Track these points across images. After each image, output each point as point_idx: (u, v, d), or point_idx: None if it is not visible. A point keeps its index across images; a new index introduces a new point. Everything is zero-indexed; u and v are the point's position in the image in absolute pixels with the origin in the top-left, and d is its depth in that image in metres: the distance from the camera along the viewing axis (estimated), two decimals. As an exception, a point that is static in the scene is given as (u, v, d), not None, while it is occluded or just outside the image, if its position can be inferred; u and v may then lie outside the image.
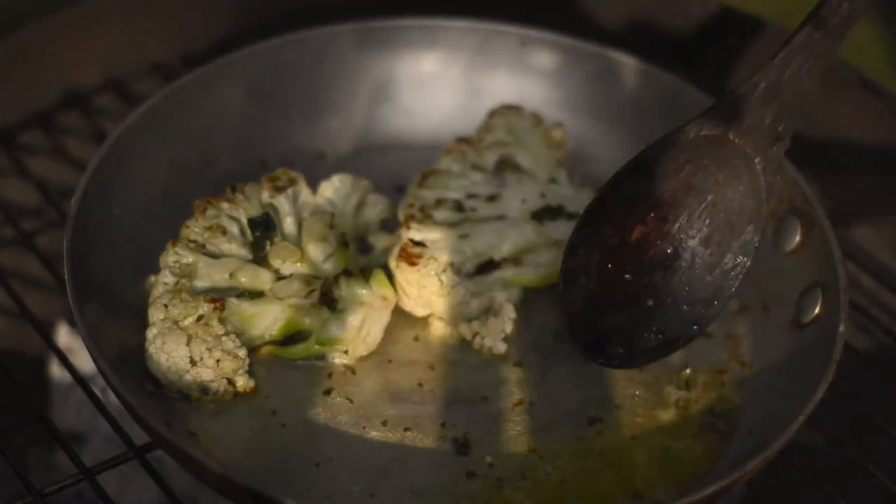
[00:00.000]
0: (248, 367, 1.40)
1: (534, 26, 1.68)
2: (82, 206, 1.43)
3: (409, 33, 1.68)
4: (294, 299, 1.41)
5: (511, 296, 1.49)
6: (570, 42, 1.67)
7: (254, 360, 1.41)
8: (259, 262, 1.44)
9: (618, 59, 1.66)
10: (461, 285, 1.46)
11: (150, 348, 1.37)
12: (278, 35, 1.65)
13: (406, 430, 1.39)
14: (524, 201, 1.51)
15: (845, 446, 1.47)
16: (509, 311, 1.48)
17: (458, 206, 1.50)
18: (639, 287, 1.44)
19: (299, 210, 1.48)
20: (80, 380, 1.46)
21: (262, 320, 1.41)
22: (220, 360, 1.37)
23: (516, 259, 1.50)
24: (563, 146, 1.60)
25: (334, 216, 1.48)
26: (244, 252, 1.44)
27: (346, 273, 1.43)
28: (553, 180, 1.55)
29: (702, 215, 1.43)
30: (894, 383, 1.55)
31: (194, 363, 1.36)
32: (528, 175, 1.55)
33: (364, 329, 1.43)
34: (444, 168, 1.54)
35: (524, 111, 1.61)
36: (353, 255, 1.48)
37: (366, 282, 1.43)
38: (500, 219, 1.50)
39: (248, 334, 1.41)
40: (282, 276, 1.43)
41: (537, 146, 1.57)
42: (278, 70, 1.64)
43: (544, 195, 1.52)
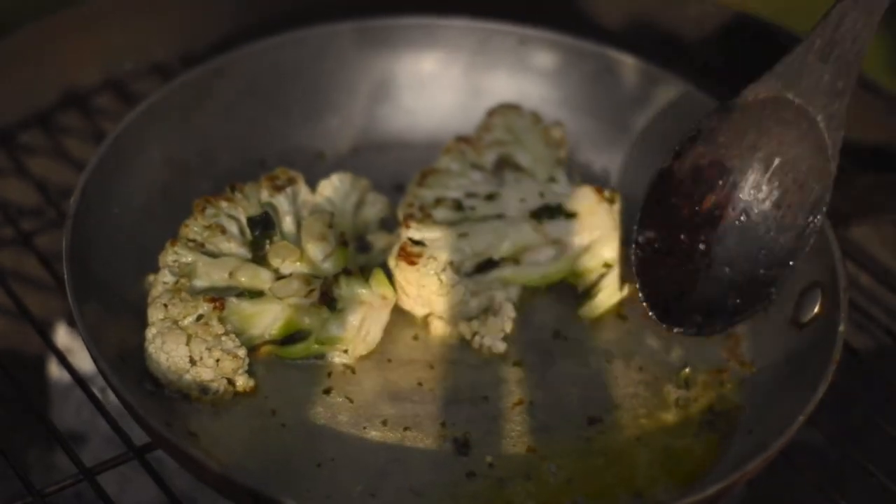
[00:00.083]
0: (247, 367, 1.40)
1: (533, 25, 1.68)
2: (81, 206, 1.43)
3: (408, 32, 1.68)
4: (293, 298, 1.41)
5: (510, 295, 1.49)
6: (570, 41, 1.67)
7: (253, 360, 1.41)
8: (258, 261, 1.43)
9: (617, 59, 1.65)
10: (460, 284, 1.46)
11: (150, 348, 1.37)
12: (277, 34, 1.65)
13: (406, 429, 1.39)
14: (523, 200, 1.51)
15: (845, 446, 1.47)
16: (509, 310, 1.48)
17: (458, 206, 1.50)
18: (714, 255, 1.44)
19: (298, 209, 1.48)
20: (79, 380, 1.46)
21: (262, 320, 1.41)
22: (219, 360, 1.37)
23: (515, 258, 1.49)
24: (562, 145, 1.60)
25: (333, 215, 1.48)
26: (243, 251, 1.44)
27: (346, 272, 1.43)
28: (552, 179, 1.54)
29: (771, 178, 1.43)
30: (894, 383, 1.55)
31: (194, 363, 1.36)
32: (527, 174, 1.55)
33: (364, 328, 1.43)
34: (444, 167, 1.54)
35: (523, 110, 1.61)
36: (352, 254, 1.48)
37: (365, 281, 1.43)
38: (499, 218, 1.50)
39: (248, 334, 1.40)
40: (281, 276, 1.42)
41: (536, 145, 1.57)
42: (277, 69, 1.64)
43: (543, 194, 1.52)
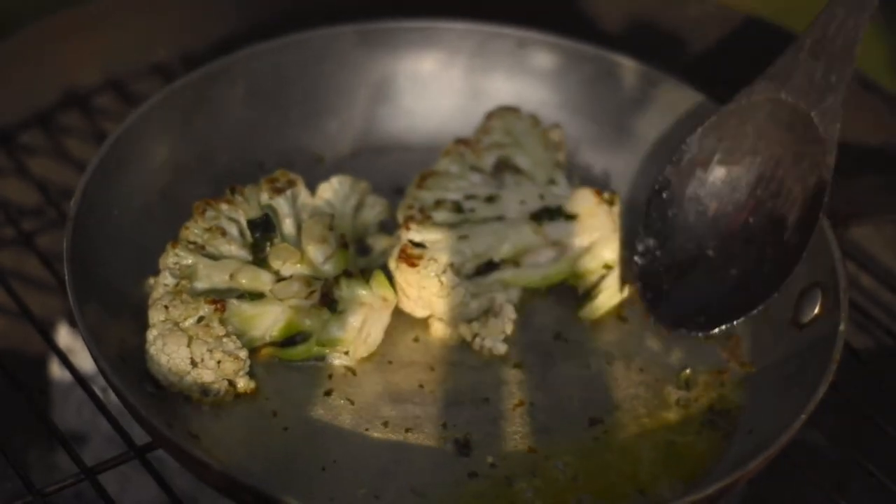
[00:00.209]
0: (248, 369, 1.40)
1: (532, 28, 1.67)
2: (82, 207, 1.43)
3: (408, 35, 1.67)
4: (294, 300, 1.41)
5: (511, 296, 1.49)
6: (568, 44, 1.67)
7: (254, 362, 1.41)
8: (259, 263, 1.43)
9: (616, 61, 1.65)
10: (461, 286, 1.46)
11: (151, 349, 1.37)
12: (278, 36, 1.64)
13: (407, 431, 1.39)
14: (523, 202, 1.51)
15: (845, 446, 1.47)
16: (509, 311, 1.48)
17: (457, 208, 1.50)
18: (721, 259, 1.44)
19: (298, 211, 1.48)
20: (80, 379, 1.46)
21: (263, 321, 1.41)
22: (220, 362, 1.37)
23: (516, 260, 1.49)
24: (561, 148, 1.60)
25: (333, 217, 1.48)
26: (244, 253, 1.44)
27: (347, 274, 1.43)
28: (551, 181, 1.54)
29: (773, 177, 1.43)
30: (894, 383, 1.55)
31: (195, 364, 1.36)
32: (527, 176, 1.54)
33: (364, 330, 1.43)
34: (443, 169, 1.53)
35: (522, 113, 1.61)
36: (352, 256, 1.48)
37: (366, 283, 1.43)
38: (499, 220, 1.50)
39: (249, 335, 1.40)
40: (282, 278, 1.42)
41: (535, 148, 1.57)
42: (277, 72, 1.64)
43: (543, 196, 1.52)
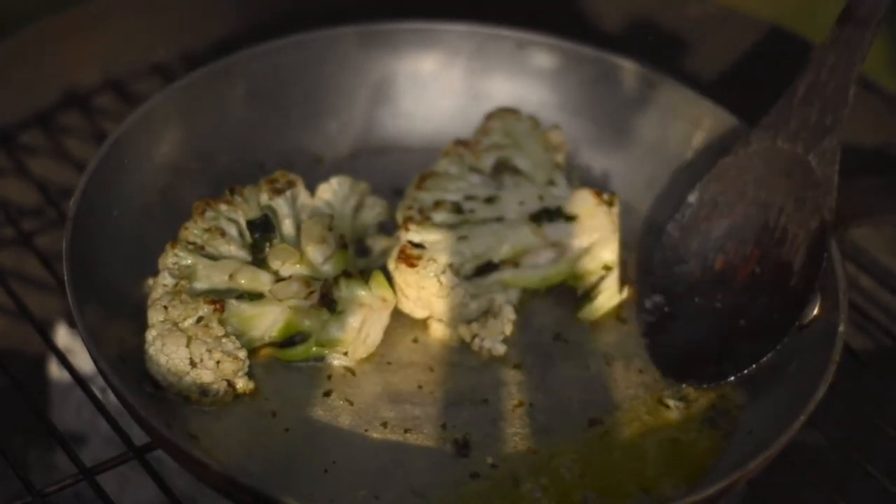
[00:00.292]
0: (247, 369, 1.40)
1: (532, 29, 1.67)
2: (81, 207, 1.43)
3: (407, 36, 1.67)
4: (293, 301, 1.41)
5: (510, 297, 1.49)
6: (568, 45, 1.67)
7: (253, 362, 1.41)
8: (258, 263, 1.43)
9: (616, 63, 1.65)
10: (460, 287, 1.46)
11: (150, 350, 1.37)
12: (278, 36, 1.64)
13: (406, 431, 1.39)
14: (522, 203, 1.51)
15: (845, 447, 1.47)
16: (508, 312, 1.48)
17: (457, 208, 1.50)
18: (730, 311, 1.43)
19: (298, 212, 1.48)
20: (79, 380, 1.46)
21: (262, 322, 1.41)
22: (220, 362, 1.37)
23: (515, 261, 1.49)
24: (560, 149, 1.59)
25: (333, 218, 1.48)
26: (243, 254, 1.44)
27: (346, 274, 1.43)
28: (551, 183, 1.54)
29: (776, 226, 1.42)
30: (893, 384, 1.55)
31: (194, 365, 1.36)
32: (526, 177, 1.54)
33: (363, 330, 1.43)
34: (442, 170, 1.53)
35: (521, 114, 1.60)
36: (352, 257, 1.48)
37: (365, 283, 1.43)
38: (498, 221, 1.50)
39: (248, 335, 1.40)
40: (281, 278, 1.42)
41: (535, 149, 1.57)
42: (277, 72, 1.64)
43: (542, 197, 1.52)
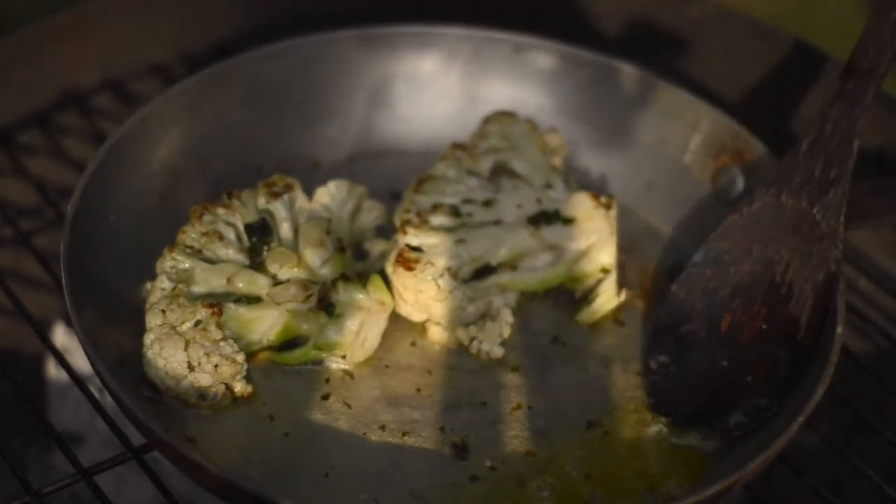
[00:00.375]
0: (245, 373, 1.39)
1: (529, 33, 1.67)
2: (79, 210, 1.43)
3: (405, 40, 1.67)
4: (291, 304, 1.41)
5: (508, 300, 1.49)
6: (566, 48, 1.66)
7: (251, 366, 1.41)
8: (256, 267, 1.43)
9: (613, 66, 1.65)
10: (458, 290, 1.46)
11: (148, 353, 1.37)
12: (278, 36, 1.64)
13: (405, 434, 1.39)
14: (520, 206, 1.51)
15: (842, 449, 1.47)
16: (506, 315, 1.48)
17: (455, 212, 1.50)
18: (737, 368, 1.42)
19: (295, 216, 1.48)
20: (77, 380, 1.46)
21: (260, 325, 1.41)
22: (218, 366, 1.37)
23: (513, 264, 1.49)
24: (558, 152, 1.59)
25: (331, 222, 1.48)
26: (241, 257, 1.44)
27: (344, 278, 1.43)
28: (548, 186, 1.54)
29: (783, 282, 1.41)
30: (891, 386, 1.55)
31: (192, 368, 1.36)
32: (524, 181, 1.54)
33: (362, 334, 1.43)
34: (440, 174, 1.53)
35: (518, 117, 1.60)
36: (349, 260, 1.48)
37: (363, 287, 1.43)
38: (496, 224, 1.50)
39: (246, 339, 1.40)
40: (279, 282, 1.42)
41: (532, 152, 1.57)
42: (275, 76, 1.63)
43: (540, 200, 1.52)
